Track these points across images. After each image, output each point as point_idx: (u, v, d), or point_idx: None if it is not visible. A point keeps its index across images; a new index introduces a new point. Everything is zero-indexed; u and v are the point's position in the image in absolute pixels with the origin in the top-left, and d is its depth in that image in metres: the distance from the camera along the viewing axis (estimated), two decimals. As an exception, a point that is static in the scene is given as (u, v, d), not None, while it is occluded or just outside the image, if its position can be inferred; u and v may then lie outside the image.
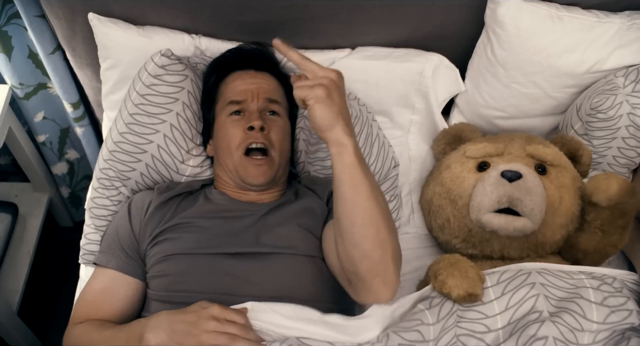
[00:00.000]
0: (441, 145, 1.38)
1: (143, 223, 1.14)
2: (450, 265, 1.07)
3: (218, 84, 1.25)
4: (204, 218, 1.14)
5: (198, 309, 0.96)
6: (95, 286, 1.12)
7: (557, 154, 1.24)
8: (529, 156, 1.22)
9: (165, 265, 1.09)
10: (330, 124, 0.91)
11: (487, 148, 1.24)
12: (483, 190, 1.16)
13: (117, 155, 1.23)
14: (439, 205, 1.27)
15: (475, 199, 1.17)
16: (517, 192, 1.12)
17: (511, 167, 1.16)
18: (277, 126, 1.19)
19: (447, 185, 1.26)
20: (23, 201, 1.84)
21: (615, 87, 1.27)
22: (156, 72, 1.21)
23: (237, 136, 1.16)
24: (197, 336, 0.92)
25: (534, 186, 1.14)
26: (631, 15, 1.30)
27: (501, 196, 1.13)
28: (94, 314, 1.09)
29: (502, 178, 1.15)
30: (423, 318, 1.02)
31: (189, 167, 1.27)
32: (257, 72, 1.24)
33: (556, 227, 1.17)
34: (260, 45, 1.30)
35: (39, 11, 1.36)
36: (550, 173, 1.20)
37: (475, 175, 1.22)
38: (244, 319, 0.97)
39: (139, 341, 0.94)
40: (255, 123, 1.14)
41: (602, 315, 0.98)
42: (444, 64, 1.41)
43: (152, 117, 1.21)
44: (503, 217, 1.14)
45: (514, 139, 1.28)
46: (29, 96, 1.57)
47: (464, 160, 1.26)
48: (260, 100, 1.19)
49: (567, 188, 1.19)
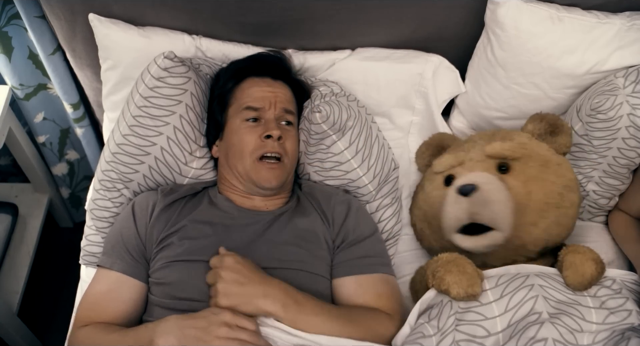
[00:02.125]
0: (426, 158, 1.36)
1: (149, 226, 1.14)
2: (447, 262, 1.07)
3: (233, 88, 1.25)
4: (208, 224, 1.14)
5: (209, 315, 0.96)
6: (99, 288, 1.12)
7: (518, 145, 1.19)
8: (489, 157, 1.19)
9: (165, 272, 1.09)
10: (253, 311, 0.99)
11: (449, 160, 1.22)
12: (445, 213, 1.15)
13: (119, 157, 1.23)
14: (420, 228, 1.28)
15: (443, 221, 1.17)
16: (473, 206, 1.10)
17: (468, 178, 1.14)
18: (292, 136, 1.22)
19: (422, 207, 1.26)
20: (23, 202, 1.84)
21: (615, 88, 1.27)
22: (159, 75, 1.21)
23: (252, 142, 1.16)
24: (208, 342, 0.92)
25: (490, 194, 1.11)
26: (631, 16, 1.30)
27: (459, 214, 1.12)
28: (98, 316, 1.08)
29: (458, 196, 1.13)
30: (424, 331, 1.02)
31: (192, 169, 1.27)
32: (274, 80, 1.25)
33: (528, 226, 1.14)
34: (278, 52, 1.31)
35: (39, 12, 1.36)
36: (514, 169, 1.17)
37: (444, 191, 1.20)
38: (255, 325, 0.97)
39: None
40: (275, 132, 1.15)
41: (602, 316, 0.98)
42: (443, 65, 1.41)
43: (155, 119, 1.21)
44: (470, 239, 1.12)
45: (476, 143, 1.24)
46: (29, 97, 1.57)
47: (433, 176, 1.25)
48: (277, 109, 1.20)
49: (536, 179, 1.15)
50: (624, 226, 1.34)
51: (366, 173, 1.29)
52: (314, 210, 1.21)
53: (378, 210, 1.33)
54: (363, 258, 1.16)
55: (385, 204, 1.33)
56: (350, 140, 1.28)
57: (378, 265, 1.17)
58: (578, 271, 1.04)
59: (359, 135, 1.29)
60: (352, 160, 1.28)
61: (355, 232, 1.18)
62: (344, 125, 1.27)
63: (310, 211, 1.20)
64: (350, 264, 1.14)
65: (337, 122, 1.26)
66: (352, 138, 1.28)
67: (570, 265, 1.06)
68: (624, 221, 1.35)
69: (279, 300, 1.00)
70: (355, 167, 1.28)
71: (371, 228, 1.22)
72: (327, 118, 1.24)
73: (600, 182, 1.33)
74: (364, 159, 1.29)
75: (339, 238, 1.18)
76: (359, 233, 1.18)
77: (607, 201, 1.36)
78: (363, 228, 1.20)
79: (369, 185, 1.30)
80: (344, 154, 1.27)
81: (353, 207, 1.22)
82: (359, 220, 1.21)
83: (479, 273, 1.06)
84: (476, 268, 1.07)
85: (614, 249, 1.34)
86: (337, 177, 1.29)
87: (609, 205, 1.37)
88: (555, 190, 1.16)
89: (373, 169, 1.31)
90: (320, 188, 1.27)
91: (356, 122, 1.30)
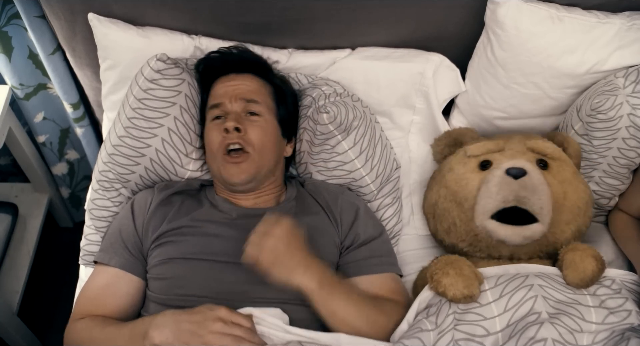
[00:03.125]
0: (441, 145, 1.37)
1: (145, 222, 1.15)
2: (445, 265, 1.07)
3: (209, 92, 1.26)
4: (210, 223, 1.14)
5: (205, 310, 0.96)
6: (97, 283, 1.13)
7: (557, 148, 1.23)
8: (530, 150, 1.20)
9: (165, 268, 1.10)
10: (286, 278, 1.01)
11: (488, 145, 1.23)
12: (487, 192, 1.14)
13: (116, 158, 1.24)
14: (444, 208, 1.25)
15: (479, 202, 1.15)
16: (524, 190, 1.10)
17: (515, 163, 1.14)
18: (257, 126, 1.18)
19: (451, 187, 1.24)
20: (23, 201, 1.84)
21: (615, 88, 1.27)
22: (152, 77, 1.21)
23: (216, 139, 1.17)
24: (202, 336, 0.92)
25: (540, 184, 1.11)
26: (631, 15, 1.30)
27: (507, 195, 1.11)
28: (95, 311, 1.09)
29: (507, 176, 1.12)
30: (422, 326, 1.02)
31: (188, 171, 1.27)
32: (238, 74, 1.24)
33: (564, 224, 1.15)
34: (237, 48, 1.30)
35: (39, 12, 1.36)
36: (552, 168, 1.18)
37: (479, 175, 1.20)
38: (250, 322, 0.97)
39: (142, 339, 0.95)
40: (228, 124, 1.15)
41: (601, 316, 0.98)
42: (444, 64, 1.41)
43: (149, 121, 1.22)
44: (510, 228, 1.11)
45: (512, 136, 1.27)
46: (29, 96, 1.57)
47: (466, 160, 1.25)
48: (237, 101, 1.20)
49: (570, 182, 1.17)
50: (623, 226, 1.34)
51: (369, 173, 1.30)
52: (320, 209, 1.21)
53: (379, 209, 1.33)
54: (372, 258, 1.17)
55: (386, 204, 1.33)
56: (354, 140, 1.28)
57: (387, 264, 1.19)
58: (578, 269, 1.04)
59: (363, 136, 1.29)
60: (356, 160, 1.28)
61: (365, 233, 1.19)
62: (350, 126, 1.27)
63: (317, 209, 1.21)
64: (360, 264, 1.15)
65: (344, 123, 1.26)
66: (357, 139, 1.28)
67: (570, 263, 1.06)
68: (624, 221, 1.35)
69: (317, 277, 1.02)
70: (358, 166, 1.29)
71: (378, 228, 1.24)
72: (335, 119, 1.24)
73: (600, 181, 1.33)
74: (367, 159, 1.29)
75: (348, 240, 1.18)
76: (368, 234, 1.20)
77: (607, 201, 1.36)
78: (371, 229, 1.21)
79: (371, 184, 1.30)
80: (347, 154, 1.27)
81: (361, 208, 1.23)
82: (368, 221, 1.22)
83: (477, 275, 1.06)
84: (475, 269, 1.07)
85: (613, 249, 1.34)
86: (340, 176, 1.29)
87: (609, 205, 1.37)
88: (585, 197, 1.19)
89: (376, 169, 1.31)
90: (325, 187, 1.27)
91: (361, 122, 1.30)
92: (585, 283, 1.04)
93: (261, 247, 1.00)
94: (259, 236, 1.02)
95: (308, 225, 1.14)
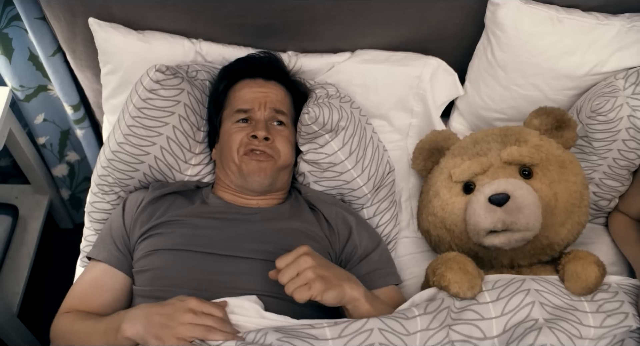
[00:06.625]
0: (420, 163, 1.34)
1: (134, 217, 1.17)
2: (448, 259, 1.07)
3: (227, 91, 1.26)
4: (198, 218, 1.15)
5: (175, 302, 0.96)
6: (85, 278, 1.15)
7: (534, 149, 1.18)
8: (508, 163, 1.17)
9: (150, 260, 1.11)
10: (340, 297, 0.98)
11: (472, 168, 1.19)
12: (475, 213, 1.12)
13: (115, 164, 1.24)
14: (437, 235, 1.25)
15: (470, 222, 1.14)
16: (509, 215, 1.09)
17: (497, 187, 1.11)
18: (284, 136, 1.21)
19: (439, 214, 1.22)
20: (23, 203, 1.85)
21: (615, 90, 1.27)
22: (151, 87, 1.22)
23: (239, 139, 1.18)
24: (172, 328, 0.92)
25: (524, 200, 1.09)
26: (631, 17, 1.30)
27: (495, 222, 1.10)
28: (81, 305, 1.11)
29: (490, 205, 1.11)
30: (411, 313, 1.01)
31: (187, 177, 1.28)
32: (266, 81, 1.26)
33: (557, 226, 1.15)
34: (269, 53, 1.31)
35: (39, 13, 1.36)
36: (537, 174, 1.16)
37: (464, 198, 1.18)
38: (222, 312, 0.96)
39: (116, 332, 0.96)
40: (259, 133, 1.16)
41: (599, 319, 0.98)
42: (442, 67, 1.41)
43: (148, 129, 1.22)
44: (502, 235, 1.11)
45: (489, 144, 1.22)
46: (29, 98, 1.58)
47: (451, 184, 1.22)
48: (267, 110, 1.21)
49: (558, 182, 1.15)
50: (623, 227, 1.34)
51: (360, 175, 1.29)
52: (315, 214, 1.21)
53: (376, 214, 1.33)
54: (374, 271, 1.18)
55: (382, 209, 1.33)
56: (343, 141, 1.27)
57: (387, 276, 1.19)
58: (581, 278, 1.04)
59: (352, 136, 1.29)
60: (346, 161, 1.28)
61: (362, 246, 1.20)
62: (337, 126, 1.27)
63: (310, 218, 1.20)
64: (364, 279, 1.12)
65: (328, 123, 1.25)
66: (346, 139, 1.28)
67: (572, 274, 1.06)
68: (623, 222, 1.35)
69: (361, 288, 1.02)
70: (349, 168, 1.28)
71: (375, 239, 1.24)
72: (316, 119, 1.23)
73: (600, 183, 1.33)
74: (357, 160, 1.29)
75: (345, 253, 1.19)
76: (365, 246, 1.20)
77: (607, 202, 1.36)
78: (367, 241, 1.21)
79: (364, 187, 1.30)
80: (337, 155, 1.27)
81: (355, 221, 1.23)
82: (362, 233, 1.22)
83: (480, 273, 1.06)
84: (476, 267, 1.07)
85: (614, 251, 1.34)
86: (331, 177, 1.29)
87: (609, 207, 1.37)
88: (577, 190, 1.17)
89: (367, 171, 1.30)
90: (319, 196, 1.27)
91: (349, 122, 1.29)
92: (588, 291, 1.04)
93: (305, 281, 0.96)
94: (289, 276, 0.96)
95: (297, 229, 1.15)
